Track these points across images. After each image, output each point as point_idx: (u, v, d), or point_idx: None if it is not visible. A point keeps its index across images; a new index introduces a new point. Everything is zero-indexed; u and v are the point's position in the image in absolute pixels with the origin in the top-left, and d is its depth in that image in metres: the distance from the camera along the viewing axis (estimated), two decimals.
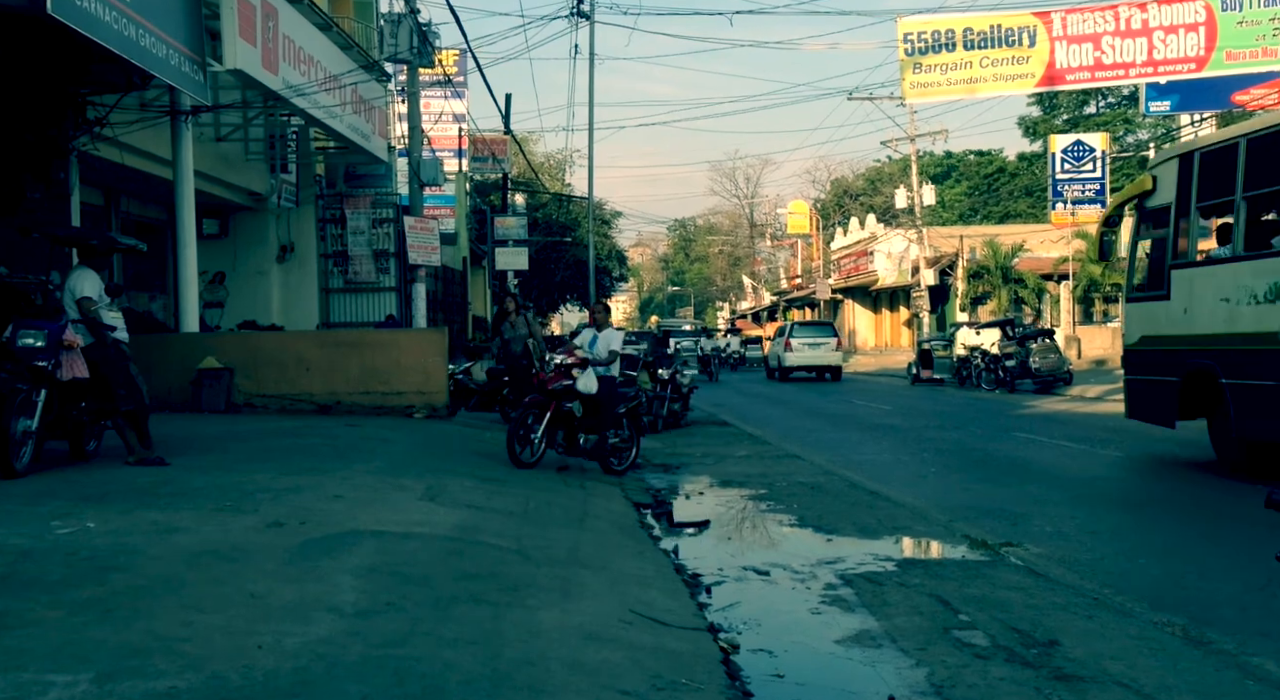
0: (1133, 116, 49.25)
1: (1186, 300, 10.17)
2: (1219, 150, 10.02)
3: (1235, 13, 19.41)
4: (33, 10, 8.51)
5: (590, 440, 9.34)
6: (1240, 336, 9.27)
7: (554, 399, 9.08)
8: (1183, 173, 10.42)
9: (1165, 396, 10.43)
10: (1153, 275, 11.01)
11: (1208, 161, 10.11)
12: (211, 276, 17.63)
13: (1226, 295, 9.53)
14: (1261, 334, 8.92)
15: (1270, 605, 5.22)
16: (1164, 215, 10.68)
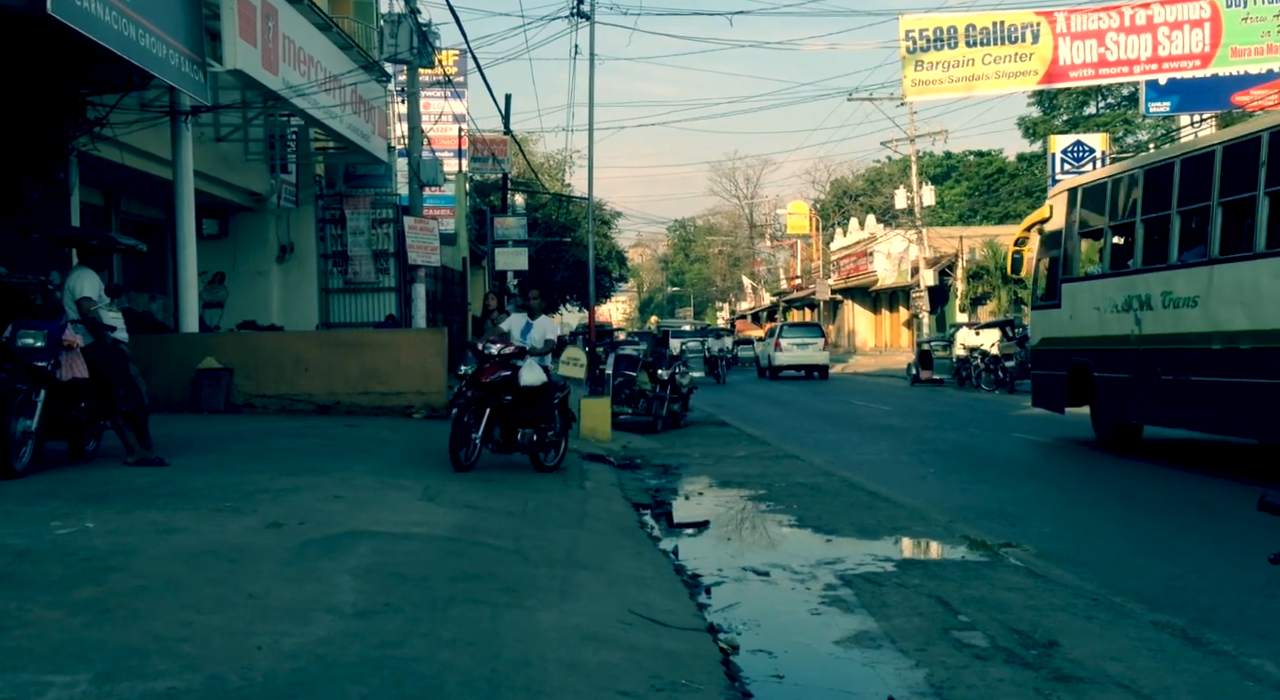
0: (1132, 117, 49.27)
1: (1072, 309, 12.32)
2: (1093, 187, 12.33)
3: (1240, 9, 19.39)
4: (32, 10, 8.51)
5: (528, 435, 8.77)
6: (1106, 338, 11.55)
7: (493, 393, 8.44)
8: (1069, 204, 12.64)
9: (1057, 388, 12.66)
10: (1049, 288, 13.06)
11: (1086, 195, 12.37)
12: (211, 277, 17.62)
13: (1098, 305, 11.72)
14: (1119, 336, 11.26)
15: (1269, 606, 5.21)
16: (1057, 238, 12.84)
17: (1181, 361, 10.22)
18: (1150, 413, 11.02)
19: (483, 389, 8.41)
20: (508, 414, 8.61)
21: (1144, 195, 11.15)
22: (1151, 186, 11.04)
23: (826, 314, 53.72)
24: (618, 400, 14.36)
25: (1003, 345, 23.49)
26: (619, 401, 14.41)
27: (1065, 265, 12.65)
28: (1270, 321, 8.90)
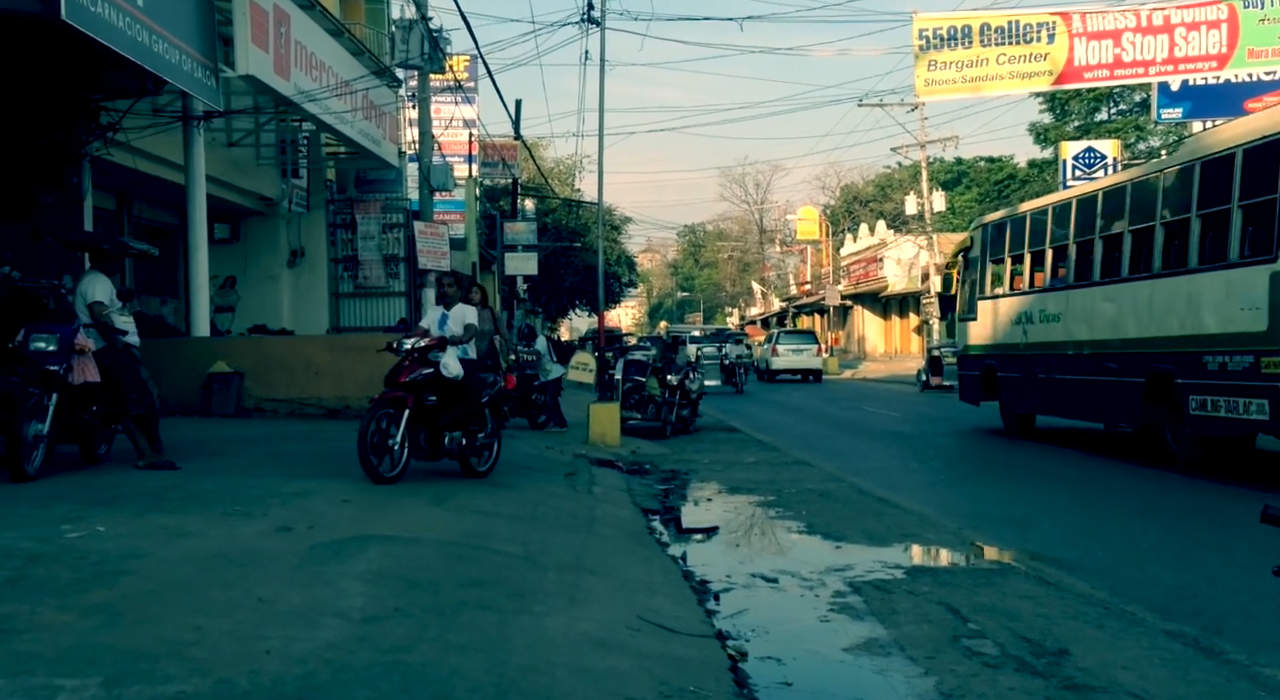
0: (1144, 123, 49.13)
1: (984, 322, 15.25)
2: (998, 224, 15.38)
3: (1258, 10, 19.28)
4: (46, 16, 8.56)
5: (456, 438, 7.98)
6: (1005, 346, 14.51)
7: (414, 393, 7.65)
8: (983, 237, 15.54)
9: (974, 386, 15.50)
10: (969, 304, 15.90)
11: (994, 230, 15.30)
12: (222, 281, 17.69)
13: (1000, 319, 14.72)
14: (1013, 344, 14.23)
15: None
16: (974, 264, 15.81)
17: (1051, 364, 13.05)
18: (1035, 405, 13.90)
19: (403, 389, 7.64)
20: (432, 416, 7.82)
21: (1028, 233, 14.07)
22: (1033, 226, 13.98)
23: (836, 320, 53.65)
24: (626, 406, 14.35)
25: None
26: (628, 407, 14.40)
27: (980, 286, 15.59)
28: (1103, 334, 11.89)
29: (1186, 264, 10.30)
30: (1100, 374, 11.79)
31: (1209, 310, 9.81)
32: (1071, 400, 12.76)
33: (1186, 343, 10.11)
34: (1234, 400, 9.31)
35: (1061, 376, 12.80)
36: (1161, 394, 10.52)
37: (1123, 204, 11.64)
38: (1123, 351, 11.36)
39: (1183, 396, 10.06)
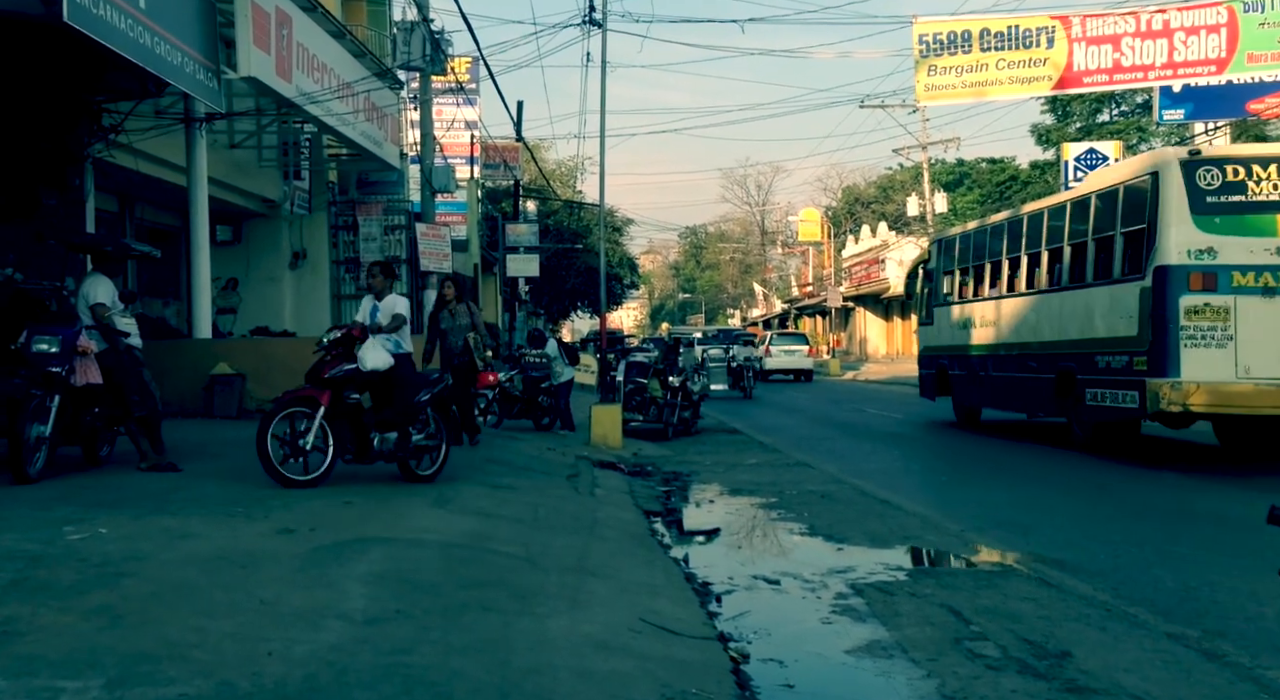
0: (1146, 125, 49.10)
1: (938, 326, 17.33)
2: (948, 240, 17.56)
3: (1257, 14, 19.25)
4: (49, 18, 8.57)
5: (389, 440, 7.49)
6: (954, 347, 16.45)
7: (332, 389, 7.16)
8: (937, 251, 17.83)
9: (932, 383, 17.45)
10: (927, 310, 17.99)
11: (945, 245, 17.53)
12: (224, 283, 17.70)
13: (950, 323, 16.71)
14: (960, 345, 16.17)
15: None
16: (931, 275, 17.91)
17: (988, 364, 15.10)
18: (978, 399, 15.88)
19: (320, 384, 7.15)
20: (356, 414, 7.34)
21: (971, 249, 16.27)
22: (974, 243, 16.19)
23: (838, 321, 53.64)
24: (629, 407, 14.34)
25: None
26: (630, 409, 14.40)
27: (935, 295, 17.62)
28: (1025, 338, 13.88)
29: (1084, 280, 12.41)
30: (1024, 372, 13.88)
31: (1099, 318, 11.84)
32: (1005, 395, 14.89)
33: (1084, 345, 12.17)
34: (1116, 392, 11.40)
35: (996, 374, 14.94)
36: (1067, 388, 12.53)
37: (1040, 227, 13.79)
38: (1039, 353, 13.45)
39: (1081, 390, 12.12)
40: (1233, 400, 10.49)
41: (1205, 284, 10.56)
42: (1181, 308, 10.53)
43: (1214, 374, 10.43)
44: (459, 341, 10.73)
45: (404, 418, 7.57)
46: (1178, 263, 10.60)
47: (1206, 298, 10.52)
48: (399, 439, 7.55)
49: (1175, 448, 12.86)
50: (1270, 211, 10.65)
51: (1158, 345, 10.64)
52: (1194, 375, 10.43)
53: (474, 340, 10.78)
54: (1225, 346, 10.48)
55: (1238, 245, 10.56)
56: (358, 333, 7.46)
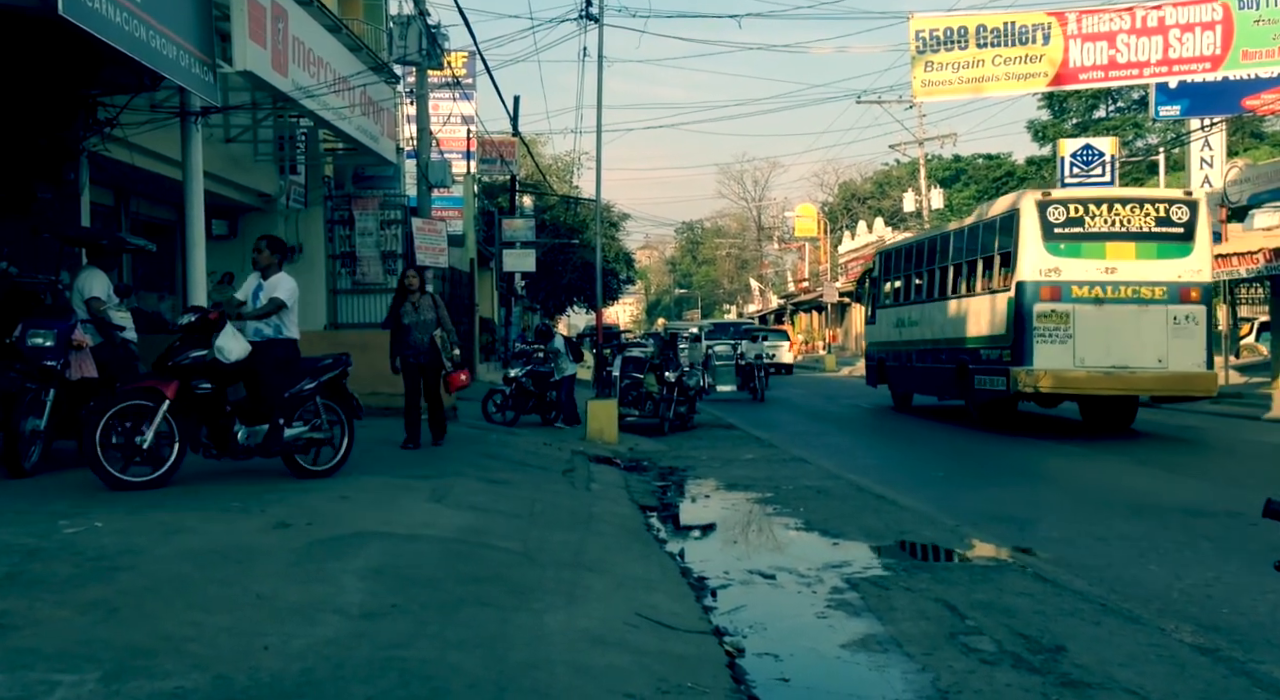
0: (1142, 121, 49.10)
1: (879, 325, 20.49)
2: (888, 251, 21.18)
3: (1252, 11, 19.27)
4: (43, 11, 8.54)
5: (257, 433, 6.94)
6: (890, 343, 19.44)
7: (180, 379, 6.63)
8: (880, 261, 21.35)
9: (874, 373, 20.70)
10: (872, 312, 21.42)
11: (886, 256, 21.03)
12: (220, 277, 17.65)
13: (887, 323, 19.76)
14: (894, 341, 19.17)
15: (1279, 615, 5.19)
16: (875, 281, 21.23)
17: (913, 356, 17.98)
18: (908, 386, 18.79)
19: (172, 375, 6.60)
20: (212, 406, 6.79)
21: (902, 261, 19.30)
22: (905, 256, 19.31)
23: (834, 317, 53.68)
24: (625, 402, 14.35)
25: None
26: (626, 404, 14.40)
27: (878, 299, 20.77)
28: (938, 335, 16.68)
29: (974, 290, 15.52)
30: (937, 363, 16.67)
31: (984, 321, 14.82)
32: (924, 382, 17.81)
33: (973, 342, 15.18)
34: (993, 378, 14.37)
35: (919, 365, 17.81)
36: (964, 376, 15.39)
37: (948, 246, 16.91)
38: (946, 348, 16.28)
39: (972, 377, 15.03)
40: (1070, 384, 13.55)
41: (1052, 295, 13.54)
42: (1035, 313, 13.50)
43: (1057, 363, 13.39)
44: (424, 338, 9.70)
45: (274, 409, 6.96)
46: (1032, 279, 13.63)
47: (1053, 306, 13.51)
48: (268, 433, 6.95)
49: (1050, 421, 16.04)
50: (1100, 240, 13.67)
51: (1018, 342, 13.65)
52: (1043, 364, 13.40)
53: (440, 338, 9.78)
54: (1066, 343, 13.45)
55: (1076, 265, 13.58)
56: (214, 316, 6.85)
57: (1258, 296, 24.30)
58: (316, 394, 7.30)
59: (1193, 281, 13.59)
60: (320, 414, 7.37)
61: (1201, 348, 13.52)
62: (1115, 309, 13.45)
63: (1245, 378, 21.81)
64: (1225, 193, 25.96)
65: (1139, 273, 13.52)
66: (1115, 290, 13.52)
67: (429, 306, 9.79)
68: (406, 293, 9.87)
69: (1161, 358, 13.38)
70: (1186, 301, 13.50)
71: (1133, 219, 13.86)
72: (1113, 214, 13.84)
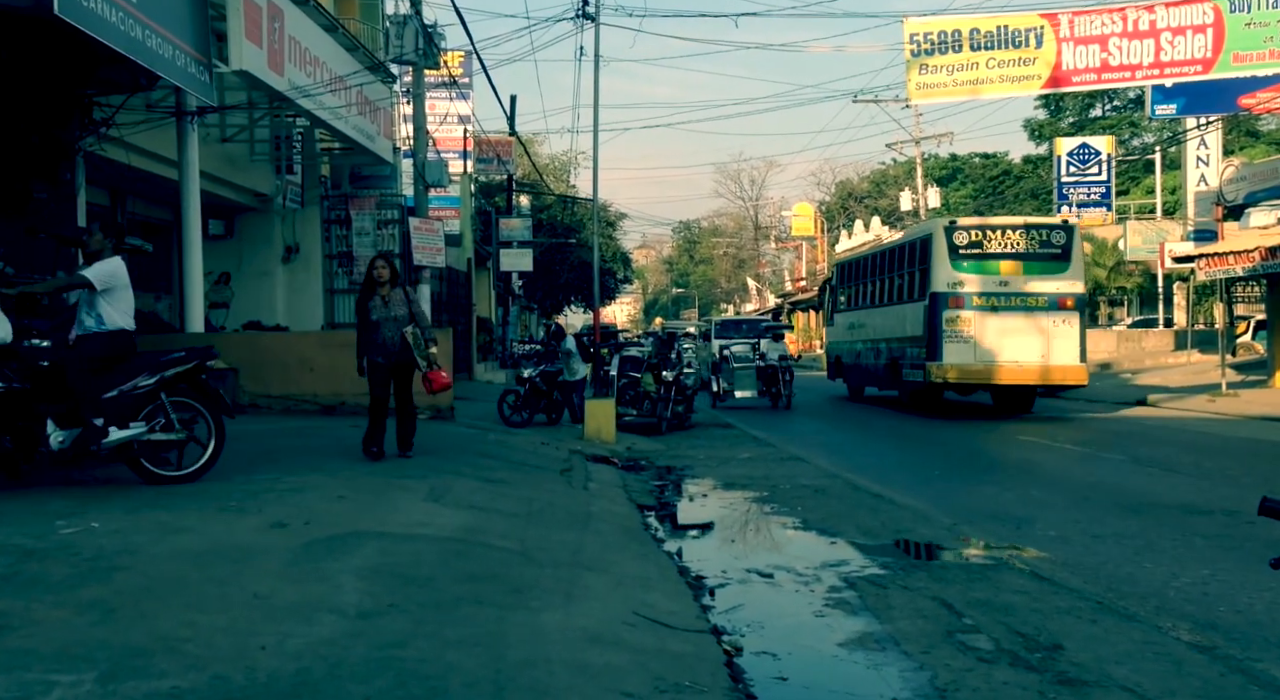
0: (1139, 120, 49.11)
1: (837, 327, 23.31)
2: (842, 262, 24.62)
3: (1244, 14, 19.31)
4: (39, 11, 8.53)
5: (75, 437, 6.33)
6: (845, 343, 22.30)
7: None
8: (836, 271, 24.63)
9: (832, 368, 23.70)
10: (830, 315, 24.19)
11: (841, 267, 24.25)
12: (217, 277, 17.64)
13: (843, 326, 22.61)
14: (848, 341, 22.01)
15: (1275, 612, 5.20)
16: (833, 289, 24.24)
17: (861, 353, 20.77)
18: (860, 380, 21.33)
19: None
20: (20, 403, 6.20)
21: (853, 272, 22.50)
22: (855, 267, 22.50)
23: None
24: (622, 402, 14.35)
25: None
26: (623, 403, 14.40)
27: (834, 304, 23.77)
28: (878, 335, 19.26)
29: (903, 299, 18.22)
30: (878, 360, 19.23)
31: (909, 324, 17.61)
32: (871, 376, 20.44)
33: (903, 341, 17.92)
34: (915, 371, 17.25)
35: (865, 362, 20.57)
36: (896, 370, 18.26)
37: (885, 260, 19.86)
38: (883, 346, 18.89)
39: (901, 370, 17.97)
40: (973, 376, 16.61)
41: (957, 304, 16.53)
42: (944, 318, 16.49)
43: (962, 359, 16.44)
44: (394, 336, 8.64)
45: (86, 409, 6.33)
46: (942, 291, 16.65)
47: (958, 312, 16.53)
48: (79, 436, 6.33)
49: (969, 407, 18.66)
50: (995, 259, 16.68)
51: (931, 341, 16.62)
52: (951, 360, 16.46)
53: (413, 335, 8.63)
54: (968, 342, 16.48)
55: (976, 280, 16.61)
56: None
57: (1254, 295, 24.34)
58: (162, 390, 6.68)
59: (1068, 292, 16.64)
60: (169, 413, 6.79)
61: (1076, 346, 16.44)
62: (1007, 315, 16.51)
63: (1242, 376, 21.84)
64: (1221, 191, 26.03)
65: (1026, 286, 16.55)
66: (1007, 300, 16.52)
67: (400, 300, 8.74)
68: (375, 285, 8.80)
69: (1044, 354, 16.40)
70: (1063, 309, 16.53)
71: (1021, 242, 16.86)
72: (1005, 238, 16.88)
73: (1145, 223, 37.93)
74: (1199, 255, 21.88)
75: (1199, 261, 21.46)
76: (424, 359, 8.61)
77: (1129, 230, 36.72)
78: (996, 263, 16.66)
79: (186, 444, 6.89)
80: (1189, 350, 28.29)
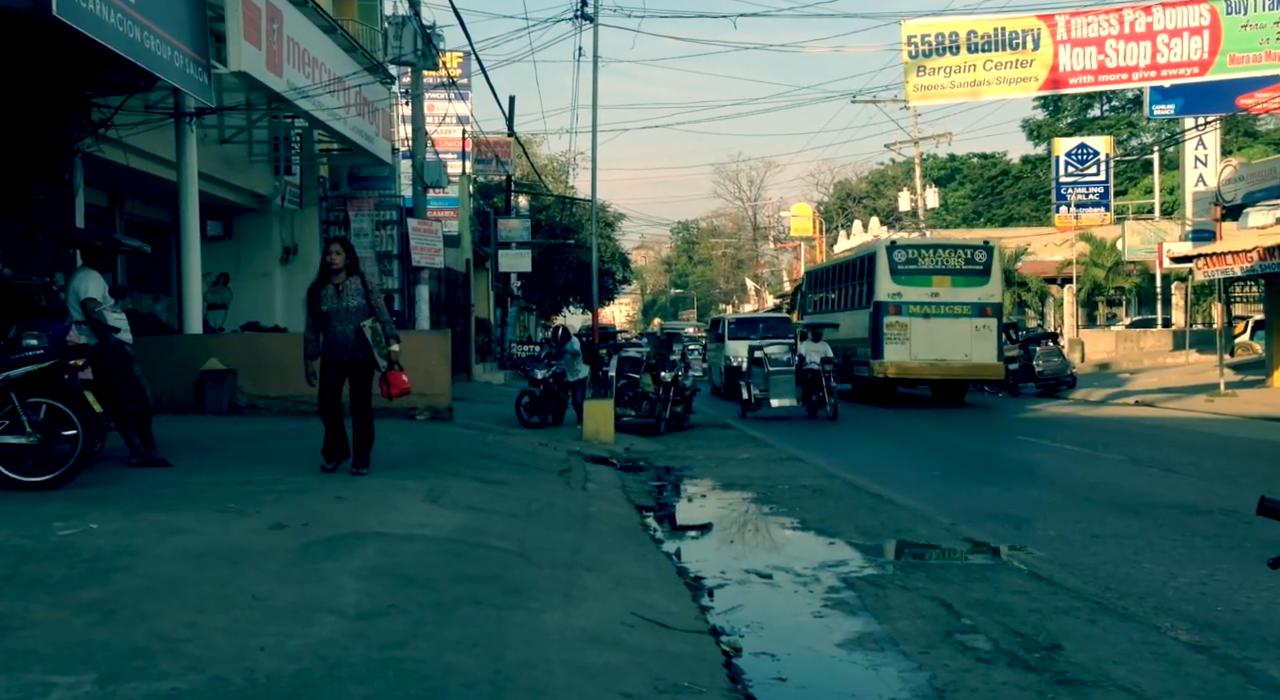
0: (1137, 120, 49.14)
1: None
2: (811, 272, 28.82)
3: (1240, 16, 19.35)
4: (37, 12, 8.53)
5: None
6: None
7: None
8: (805, 279, 28.73)
9: None
10: (802, 319, 25.31)
11: (810, 275, 28.09)
12: (215, 278, 17.63)
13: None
14: None
15: (1273, 612, 5.21)
16: (804, 295, 27.15)
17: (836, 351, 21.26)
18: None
19: None
20: None
21: (820, 280, 25.62)
22: (821, 276, 25.75)
23: None
24: (621, 402, 14.36)
25: (1006, 348, 23.47)
26: (622, 404, 14.41)
27: (804, 309, 26.40)
28: (839, 335, 20.09)
29: (856, 305, 20.98)
30: (838, 358, 19.67)
31: (859, 328, 20.19)
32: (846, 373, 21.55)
33: (855, 342, 20.36)
34: (864, 367, 19.97)
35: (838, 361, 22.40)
36: (850, 366, 20.46)
37: (842, 272, 23.21)
38: (843, 347, 20.07)
39: (853, 367, 20.51)
40: (909, 372, 19.39)
41: (896, 311, 19.22)
42: (885, 323, 19.21)
43: (900, 358, 19.15)
44: (349, 330, 7.59)
45: None
46: (883, 300, 19.42)
47: (897, 318, 19.22)
48: None
49: (914, 398, 21.37)
50: (928, 274, 19.55)
51: (875, 342, 19.34)
52: (890, 359, 19.18)
53: (371, 330, 7.56)
54: (905, 343, 19.12)
55: (912, 291, 19.33)
56: None
57: (1252, 295, 24.35)
58: (12, 390, 6.38)
59: (988, 302, 19.58)
60: (21, 415, 6.42)
61: (994, 347, 19.25)
62: (937, 320, 19.25)
63: (1240, 375, 21.86)
64: (1219, 191, 26.03)
65: (953, 296, 19.42)
66: (937, 308, 19.31)
67: (356, 291, 7.65)
68: (329, 273, 7.69)
69: (967, 353, 19.19)
70: (984, 316, 19.36)
71: (949, 259, 19.87)
72: (936, 256, 19.97)
73: (1143, 223, 37.98)
74: (1197, 255, 21.90)
75: (1197, 261, 21.48)
76: (384, 358, 7.60)
77: (1127, 230, 36.75)
78: (929, 277, 19.71)
79: (44, 448, 6.50)
80: (1187, 350, 28.32)
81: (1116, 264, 38.39)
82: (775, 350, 17.60)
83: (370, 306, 7.65)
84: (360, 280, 7.74)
